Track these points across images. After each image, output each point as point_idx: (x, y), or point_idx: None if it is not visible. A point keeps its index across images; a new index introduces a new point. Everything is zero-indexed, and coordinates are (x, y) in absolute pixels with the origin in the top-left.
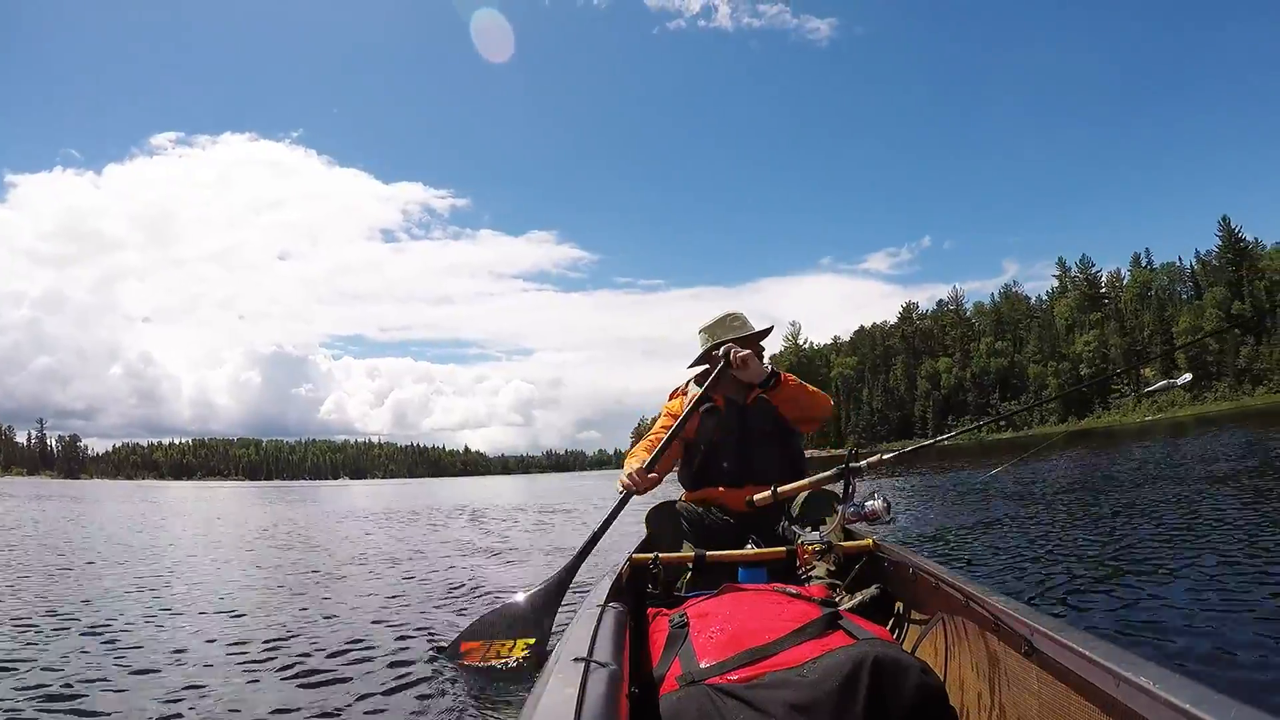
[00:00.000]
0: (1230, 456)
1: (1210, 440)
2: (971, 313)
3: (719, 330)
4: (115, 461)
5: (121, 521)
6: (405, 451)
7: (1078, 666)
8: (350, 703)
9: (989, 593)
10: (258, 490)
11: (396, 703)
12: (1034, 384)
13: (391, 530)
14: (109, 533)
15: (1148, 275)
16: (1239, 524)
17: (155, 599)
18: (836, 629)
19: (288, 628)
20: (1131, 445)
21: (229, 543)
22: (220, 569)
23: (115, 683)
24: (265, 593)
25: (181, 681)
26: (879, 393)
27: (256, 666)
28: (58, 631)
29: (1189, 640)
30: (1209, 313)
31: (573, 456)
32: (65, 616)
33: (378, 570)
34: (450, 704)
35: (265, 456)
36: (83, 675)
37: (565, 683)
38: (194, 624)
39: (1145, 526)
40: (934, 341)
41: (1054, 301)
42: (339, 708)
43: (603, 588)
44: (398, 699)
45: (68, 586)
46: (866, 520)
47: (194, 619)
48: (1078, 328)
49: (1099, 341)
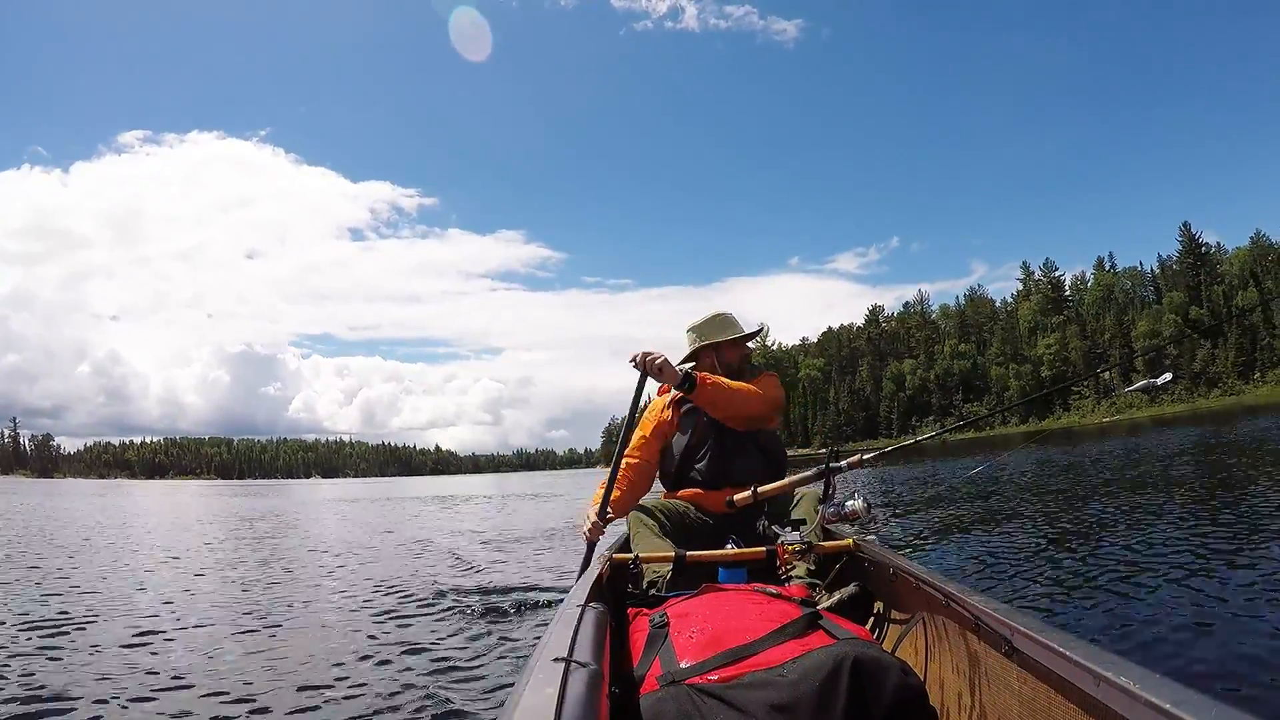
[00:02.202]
0: (1186, 455)
1: (1166, 439)
2: (937, 315)
3: (708, 330)
4: (87, 460)
5: (124, 518)
6: (376, 450)
7: (1058, 666)
8: (324, 700)
9: (969, 592)
10: (234, 489)
11: (374, 702)
12: (996, 386)
13: (383, 527)
14: (124, 529)
15: (1111, 279)
16: (1202, 520)
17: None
18: (817, 629)
19: (268, 629)
20: (1091, 445)
21: (228, 539)
22: (221, 570)
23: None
24: (242, 591)
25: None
26: (845, 394)
27: (234, 665)
28: (71, 626)
29: (1168, 638)
30: (1167, 317)
31: (543, 456)
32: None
33: (351, 567)
34: (429, 704)
35: (237, 455)
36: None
37: (545, 683)
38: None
39: (1116, 523)
40: (899, 343)
41: (1018, 304)
42: (313, 705)
43: (582, 587)
44: (375, 698)
45: (74, 581)
46: (847, 520)
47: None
48: (1040, 330)
49: (1060, 344)
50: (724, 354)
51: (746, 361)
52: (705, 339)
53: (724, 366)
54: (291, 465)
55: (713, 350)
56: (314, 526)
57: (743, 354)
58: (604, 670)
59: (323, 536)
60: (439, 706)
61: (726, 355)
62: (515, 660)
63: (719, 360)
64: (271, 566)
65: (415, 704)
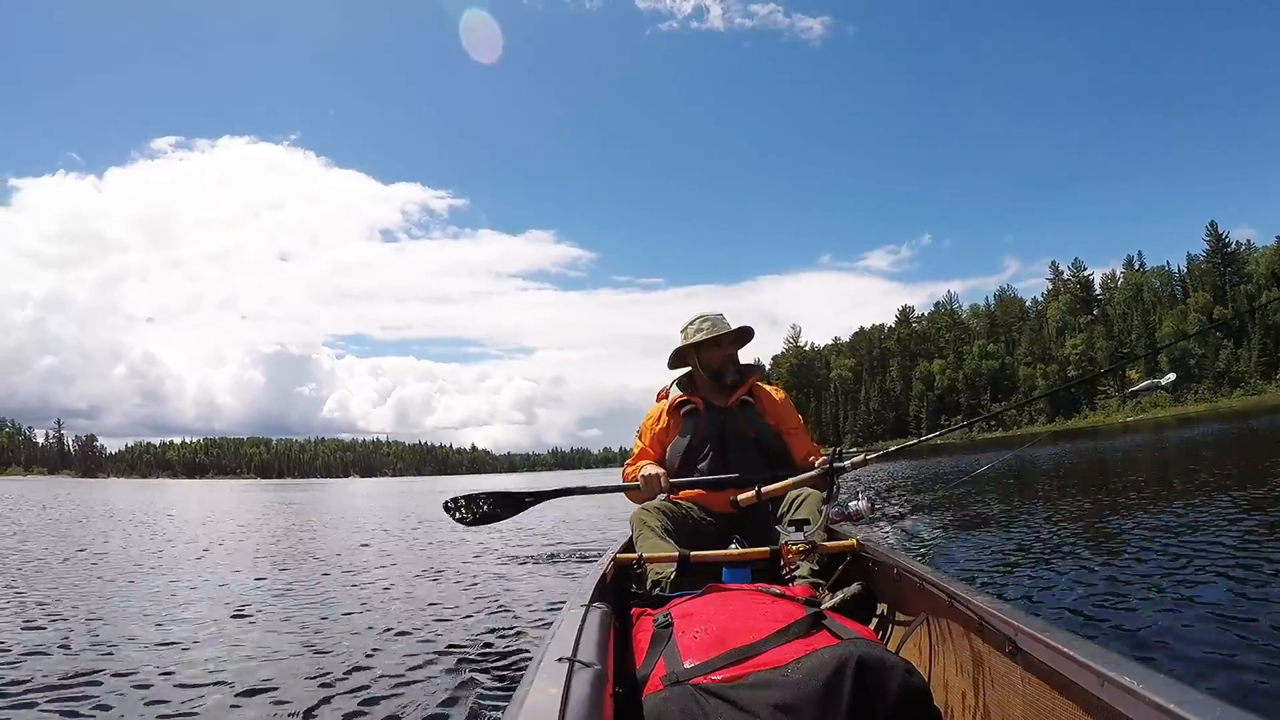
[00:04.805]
0: (1208, 454)
1: (1189, 437)
2: (966, 314)
3: (689, 333)
4: (129, 460)
5: (207, 513)
6: (412, 450)
7: (1062, 666)
8: (325, 697)
9: (973, 593)
10: (286, 486)
11: (376, 701)
12: (1024, 385)
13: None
14: (210, 523)
15: (1140, 278)
16: (1221, 523)
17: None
18: (820, 629)
19: (278, 617)
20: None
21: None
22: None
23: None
24: (266, 581)
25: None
26: (876, 394)
27: (232, 656)
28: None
29: (1174, 639)
30: (1192, 317)
31: (578, 455)
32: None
33: (375, 560)
34: (432, 703)
35: (276, 455)
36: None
37: (550, 683)
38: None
39: (1129, 525)
40: (929, 344)
41: (1047, 304)
42: (311, 699)
43: (587, 588)
44: (378, 697)
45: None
46: (851, 520)
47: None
48: (1068, 330)
49: (1086, 344)
50: (704, 355)
51: (732, 361)
52: (686, 339)
53: (705, 368)
54: (330, 465)
55: (693, 351)
56: (360, 519)
57: (726, 356)
58: (608, 670)
59: (366, 529)
60: (443, 705)
61: (705, 357)
62: (520, 660)
63: (699, 361)
64: (302, 562)
65: (419, 702)
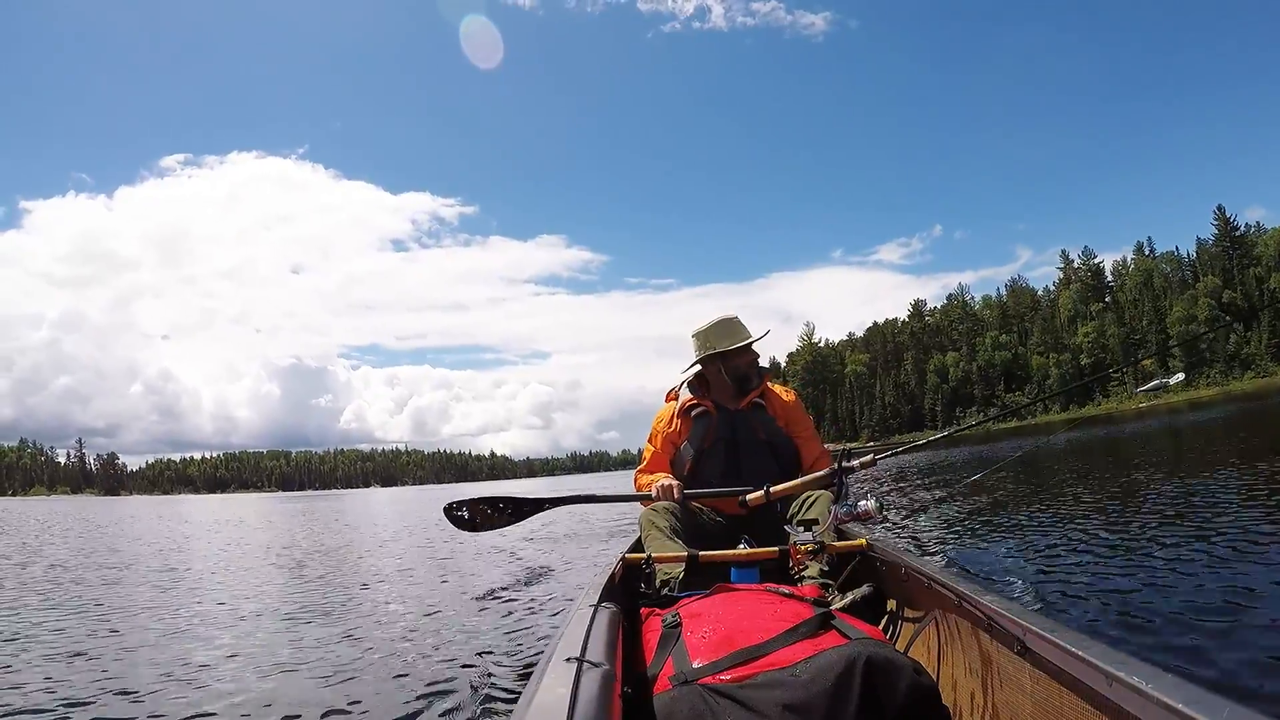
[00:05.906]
0: (1220, 438)
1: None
2: (979, 305)
3: (713, 338)
4: (150, 477)
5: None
6: (432, 458)
7: (1070, 666)
8: (328, 697)
9: (982, 592)
10: (310, 498)
11: (387, 699)
12: (1037, 375)
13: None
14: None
15: (1150, 264)
16: (1234, 513)
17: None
18: (829, 629)
19: (295, 619)
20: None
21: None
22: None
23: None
24: (288, 585)
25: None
26: (890, 388)
27: (245, 658)
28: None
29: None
30: (1201, 302)
31: (597, 457)
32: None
33: (390, 563)
34: (441, 702)
35: (296, 467)
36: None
37: (558, 682)
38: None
39: (1141, 518)
40: (942, 336)
41: (1058, 293)
42: (320, 698)
43: (595, 587)
44: (388, 695)
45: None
46: (859, 520)
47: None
48: (1080, 318)
49: (1098, 332)
50: (730, 362)
51: (754, 366)
52: (710, 348)
53: (730, 374)
54: (351, 475)
55: (718, 359)
56: (382, 524)
57: (750, 359)
58: (617, 670)
59: (389, 531)
60: (452, 704)
61: (733, 362)
62: (529, 659)
63: (725, 368)
64: (333, 564)
65: (426, 702)
